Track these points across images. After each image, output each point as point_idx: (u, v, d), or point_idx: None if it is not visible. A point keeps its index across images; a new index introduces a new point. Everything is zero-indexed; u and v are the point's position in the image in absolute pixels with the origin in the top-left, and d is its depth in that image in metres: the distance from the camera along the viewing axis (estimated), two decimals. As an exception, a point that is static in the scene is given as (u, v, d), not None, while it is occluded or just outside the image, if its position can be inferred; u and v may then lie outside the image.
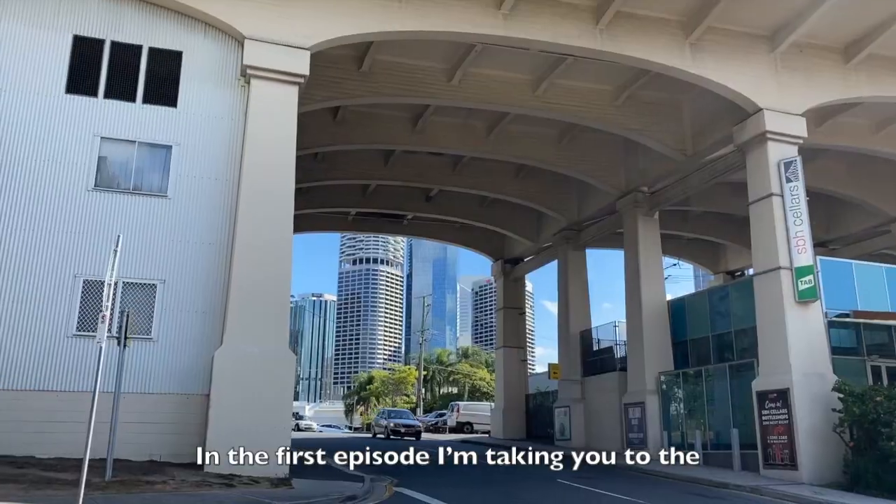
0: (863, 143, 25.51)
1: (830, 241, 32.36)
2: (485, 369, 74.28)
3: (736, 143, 21.19)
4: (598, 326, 32.64)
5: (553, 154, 27.93)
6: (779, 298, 18.92)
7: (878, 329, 20.19)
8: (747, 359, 21.19)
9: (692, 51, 19.60)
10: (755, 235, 20.35)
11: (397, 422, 38.06)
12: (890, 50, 20.97)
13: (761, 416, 18.87)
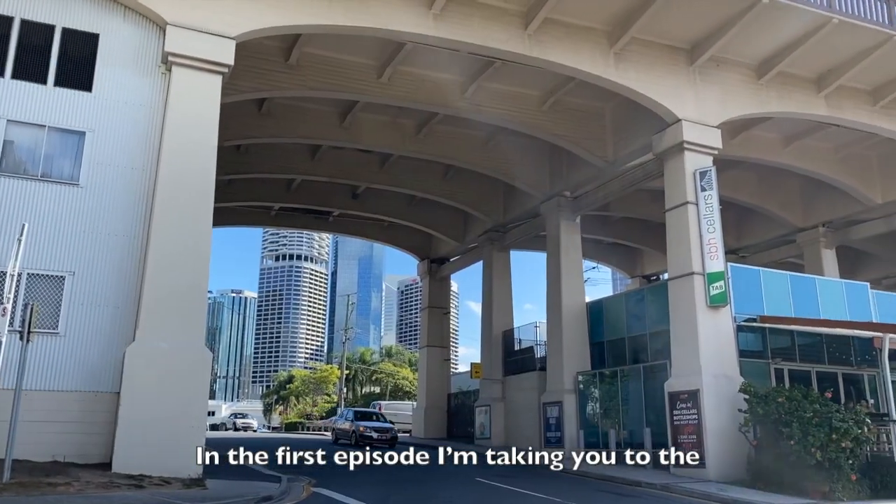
0: (772, 157, 26.84)
1: (741, 248, 33.91)
2: (408, 368, 74.24)
3: (655, 151, 21.91)
4: (520, 327, 33.16)
5: (480, 156, 28.18)
6: (691, 302, 19.67)
7: (781, 333, 21.23)
8: (661, 360, 21.92)
9: (616, 60, 20.15)
10: (671, 241, 21.09)
11: (367, 425, 30.53)
12: (798, 69, 22.12)
13: (673, 416, 19.58)
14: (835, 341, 21.73)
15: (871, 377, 21.58)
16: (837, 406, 16.96)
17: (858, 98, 23.45)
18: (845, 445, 15.70)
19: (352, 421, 31.33)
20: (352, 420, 31.52)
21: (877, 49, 21.11)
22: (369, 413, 34.65)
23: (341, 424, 32.92)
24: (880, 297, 24.33)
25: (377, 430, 29.79)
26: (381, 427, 30.42)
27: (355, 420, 31.24)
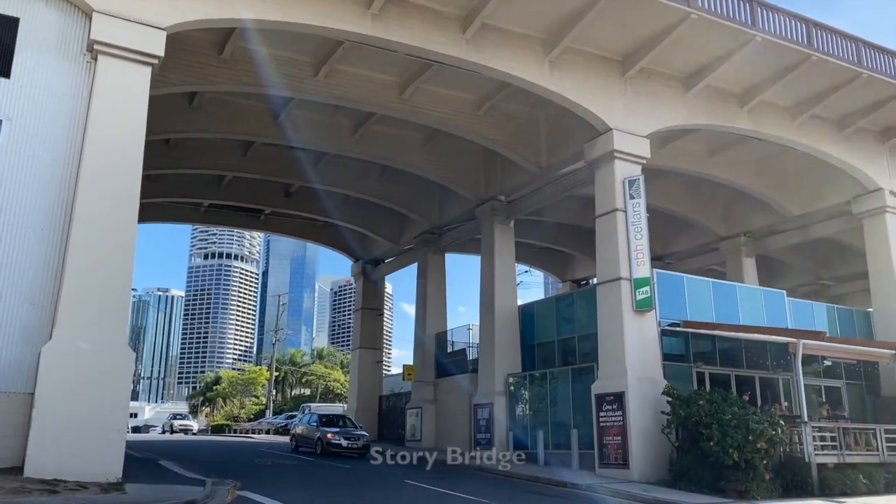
0: (698, 167, 27.80)
1: (667, 255, 34.98)
2: (340, 371, 73.57)
3: (586, 159, 22.39)
4: (453, 329, 33.34)
5: (417, 158, 28.21)
6: (618, 307, 20.18)
7: (703, 338, 21.98)
8: (589, 363, 22.41)
9: (551, 68, 20.50)
10: (600, 247, 21.58)
11: (335, 432, 26.60)
12: (724, 83, 22.99)
13: (599, 418, 20.02)
14: (753, 346, 22.67)
15: (786, 381, 22.61)
16: (754, 409, 17.73)
17: (778, 114, 24.54)
18: (760, 446, 16.40)
19: (316, 426, 27.69)
20: (316, 425, 27.78)
21: (796, 68, 22.15)
22: (336, 417, 30.23)
23: (303, 430, 29.05)
24: (795, 305, 25.50)
25: (347, 438, 26.10)
26: (352, 434, 26.63)
27: (321, 425, 27.53)
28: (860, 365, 25.10)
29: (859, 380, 25.53)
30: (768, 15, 21.37)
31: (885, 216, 26.33)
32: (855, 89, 23.56)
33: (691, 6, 19.47)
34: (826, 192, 28.09)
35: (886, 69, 23.89)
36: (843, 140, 25.83)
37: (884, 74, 23.60)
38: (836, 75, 23.00)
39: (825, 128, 25.54)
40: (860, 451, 19.05)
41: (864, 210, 26.86)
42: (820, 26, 22.49)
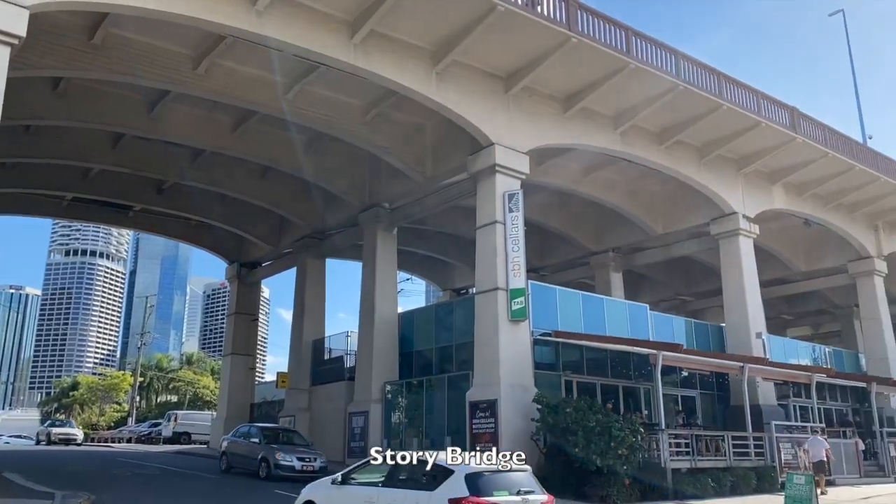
0: (573, 185, 29.03)
1: (542, 267, 36.23)
2: (210, 377, 70.72)
3: (469, 171, 22.82)
4: (332, 336, 32.92)
5: (300, 160, 27.66)
6: (494, 316, 20.66)
7: (572, 348, 22.89)
8: (465, 371, 22.76)
9: (438, 80, 20.77)
10: (479, 257, 22.04)
11: (285, 450, 21.63)
12: (599, 106, 24.13)
13: (472, 425, 20.37)
14: (618, 356, 23.85)
15: (647, 390, 23.91)
16: (617, 416, 18.60)
17: (648, 138, 26.07)
18: (622, 453, 17.22)
19: (259, 443, 22.35)
20: (259, 441, 22.46)
21: (665, 96, 23.62)
22: (285, 433, 24.42)
23: (240, 447, 23.33)
24: (657, 318, 27.10)
25: (302, 458, 21.12)
26: (307, 455, 21.57)
27: (266, 442, 22.22)
28: (713, 376, 26.99)
29: (712, 390, 27.45)
30: (642, 44, 22.68)
31: (738, 238, 28.55)
32: (716, 119, 25.43)
33: (571, 30, 20.34)
34: (688, 213, 30.09)
35: (744, 102, 25.97)
36: (704, 166, 27.78)
37: (741, 107, 25.63)
38: (699, 105, 24.73)
39: (689, 153, 27.39)
40: (710, 456, 20.46)
41: (720, 232, 28.99)
42: (688, 59, 24.13)
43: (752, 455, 21.57)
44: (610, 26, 21.77)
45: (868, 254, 35.27)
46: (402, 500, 9.64)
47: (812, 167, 29.74)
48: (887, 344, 35.15)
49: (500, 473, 9.80)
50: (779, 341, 32.01)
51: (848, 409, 31.51)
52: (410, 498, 9.58)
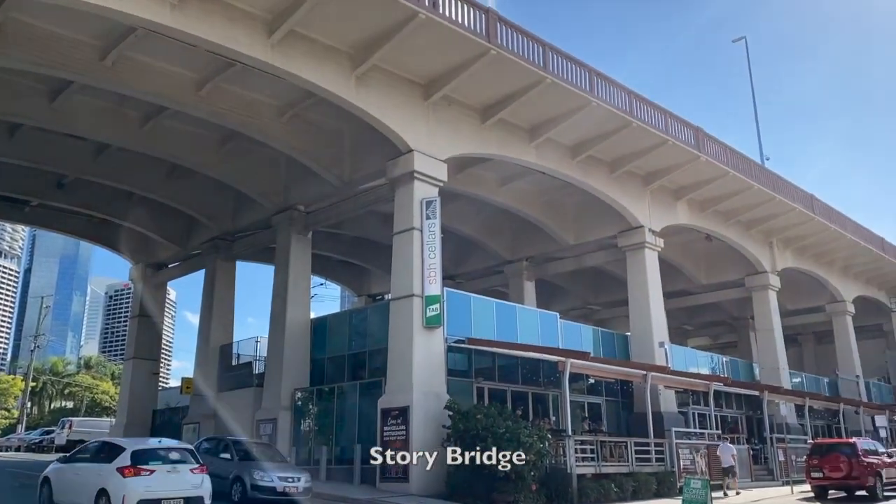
0: (489, 194, 29.45)
1: (457, 275, 36.52)
2: (110, 382, 67.57)
3: (388, 176, 22.76)
4: (240, 341, 32.02)
5: (212, 159, 26.93)
6: (409, 323, 20.64)
7: (485, 355, 23.17)
8: (378, 378, 22.59)
9: (357, 84, 20.63)
10: (395, 264, 21.98)
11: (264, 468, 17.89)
12: (516, 118, 24.58)
13: (383, 432, 20.23)
14: (528, 364, 24.29)
15: (555, 396, 24.45)
16: (526, 423, 18.92)
17: (562, 152, 26.75)
18: (529, 458, 17.50)
19: (231, 458, 18.79)
20: (233, 458, 18.79)
21: (578, 111, 24.30)
22: (261, 448, 20.49)
23: (208, 464, 17.70)
24: (567, 327, 27.78)
25: (284, 478, 17.62)
26: (289, 474, 18.09)
27: (241, 459, 18.71)
28: (618, 383, 27.88)
29: (617, 397, 28.36)
30: (558, 60, 23.25)
31: (644, 251, 29.69)
32: (626, 136, 26.37)
33: (491, 43, 20.65)
34: (598, 225, 31.07)
35: (653, 121, 27.06)
36: (614, 181, 28.75)
37: (650, 125, 26.69)
38: (611, 122, 25.58)
39: (600, 168, 28.28)
40: (614, 462, 21.11)
41: (627, 244, 30.07)
42: (601, 76, 24.91)
43: (654, 461, 22.39)
44: (528, 41, 22.23)
45: (763, 269, 37.40)
46: (95, 469, 13.66)
47: (714, 185, 31.29)
48: (779, 354, 37.37)
49: (159, 450, 14.03)
50: (680, 351, 33.47)
51: (742, 416, 33.23)
52: (97, 468, 13.65)
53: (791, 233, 38.24)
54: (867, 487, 21.79)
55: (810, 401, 33.92)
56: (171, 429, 32.89)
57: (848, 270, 46.48)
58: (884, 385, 51.10)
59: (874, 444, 24.79)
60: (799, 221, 37.02)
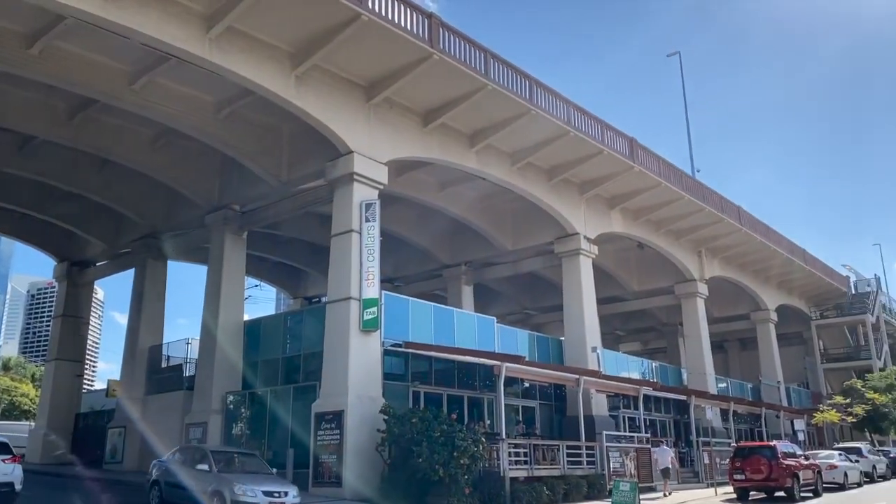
0: (429, 198, 29.54)
1: (396, 278, 36.46)
2: (30, 384, 64.69)
3: (327, 178, 22.53)
4: (171, 343, 31.21)
5: (145, 155, 26.16)
6: (346, 326, 20.47)
7: (422, 359, 23.18)
8: (312, 382, 22.32)
9: (297, 83, 20.36)
10: (333, 266, 21.78)
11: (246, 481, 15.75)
12: (457, 124, 24.74)
13: (316, 437, 20.00)
14: (465, 368, 24.43)
15: (491, 400, 24.66)
16: (461, 426, 18.99)
17: (501, 158, 27.04)
18: (463, 462, 17.62)
19: (210, 470, 16.26)
20: (211, 469, 16.29)
21: (518, 119, 24.62)
22: (243, 458, 18.25)
23: (181, 476, 16.86)
24: (503, 331, 28.05)
25: (269, 493, 15.51)
26: (275, 487, 15.91)
27: (221, 470, 16.44)
28: (552, 387, 28.32)
29: (550, 400, 28.80)
30: (500, 68, 23.51)
31: (579, 258, 30.28)
32: (564, 144, 26.86)
33: (434, 48, 20.72)
34: (536, 232, 31.53)
35: (589, 130, 27.63)
36: (551, 188, 29.24)
37: (587, 135, 27.25)
38: (550, 130, 26.01)
39: (539, 175, 28.71)
40: (546, 465, 21.41)
41: (563, 251, 30.61)
42: (540, 85, 25.30)
43: (585, 464, 22.82)
44: (471, 47, 22.40)
45: (692, 277, 38.65)
46: None
47: (647, 195, 32.17)
48: (706, 360, 38.66)
49: None
50: (612, 355, 34.22)
51: (670, 419, 34.20)
52: None
53: (719, 243, 39.65)
54: (785, 488, 22.73)
55: (735, 405, 35.21)
56: (95, 433, 31.76)
57: (771, 280, 48.52)
58: (803, 390, 53.47)
59: (793, 447, 25.87)
60: (726, 232, 38.43)
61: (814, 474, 24.89)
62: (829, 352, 58.65)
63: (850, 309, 57.83)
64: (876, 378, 49.01)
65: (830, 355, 58.56)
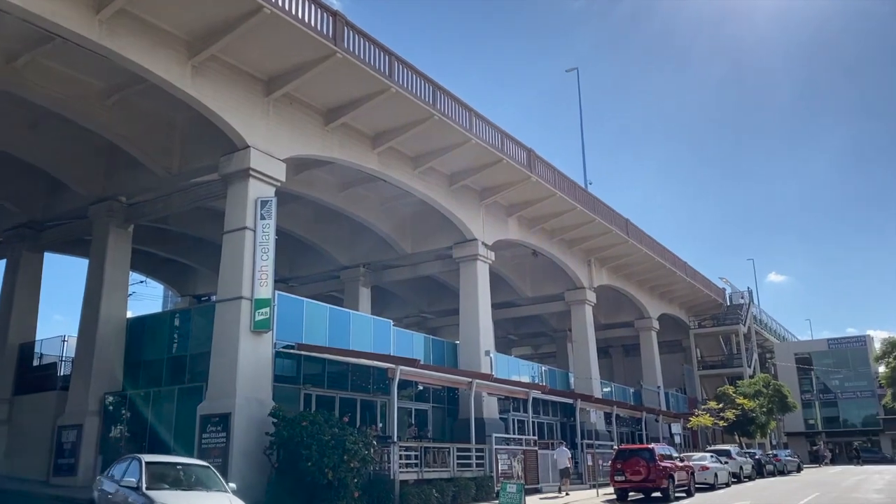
0: (329, 198, 29.18)
1: (291, 278, 35.77)
2: None
3: (221, 173, 21.79)
4: (44, 340, 29.26)
5: (22, 139, 24.50)
6: (236, 326, 19.85)
7: (315, 361, 22.81)
8: (199, 383, 21.54)
9: (193, 73, 19.61)
10: (224, 264, 21.08)
11: None
12: (359, 124, 24.59)
13: (202, 440, 19.30)
14: (359, 370, 24.27)
15: (384, 403, 24.63)
16: (352, 430, 18.87)
17: (403, 161, 27.11)
18: (353, 466, 17.50)
19: (139, 486, 12.03)
20: (139, 487, 12.03)
21: (421, 123, 24.77)
22: (189, 471, 13.53)
23: (113, 497, 12.83)
24: (400, 334, 28.10)
25: None
26: None
27: (150, 487, 12.06)
28: (445, 390, 28.62)
29: (443, 403, 29.09)
30: (404, 71, 23.58)
31: (476, 263, 30.79)
32: (464, 152, 27.25)
33: (338, 46, 20.50)
34: (435, 236, 31.81)
35: (490, 139, 28.17)
36: (452, 194, 29.59)
37: (487, 143, 27.77)
38: (452, 137, 26.32)
39: (440, 180, 28.99)
40: (437, 467, 21.61)
41: (461, 256, 31.04)
42: (444, 91, 25.57)
43: (474, 466, 23.20)
44: (375, 48, 22.33)
45: (582, 285, 40.15)
46: None
47: (542, 204, 33.15)
48: (592, 365, 40.23)
49: None
50: (504, 359, 35.00)
51: (557, 422, 35.31)
52: None
53: (607, 253, 41.40)
54: (662, 489, 23.95)
55: (617, 409, 36.78)
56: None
57: (655, 290, 51.11)
58: (681, 395, 56.62)
59: (670, 449, 27.27)
60: (614, 243, 40.19)
61: (687, 475, 26.33)
62: (705, 359, 62.46)
63: (724, 319, 61.88)
64: (746, 385, 52.60)
65: (706, 362, 62.40)
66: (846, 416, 71.94)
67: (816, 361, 72.53)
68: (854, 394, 70.87)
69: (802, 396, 69.40)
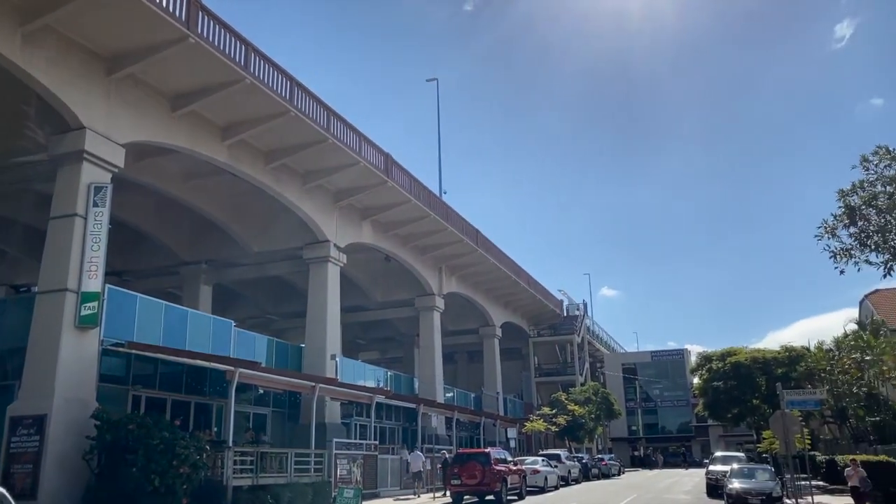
0: (172, 188, 27.61)
1: (126, 271, 33.43)
2: None
3: (51, 153, 19.99)
4: None
5: None
6: (58, 320, 18.26)
7: (146, 360, 21.43)
8: (13, 381, 19.54)
9: (24, 42, 17.84)
10: (48, 253, 19.33)
11: None
12: (210, 114, 23.51)
13: (11, 444, 17.55)
14: (195, 372, 23.08)
15: (220, 406, 23.62)
16: (184, 434, 17.95)
17: (255, 156, 26.25)
18: (183, 471, 16.64)
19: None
20: None
21: (276, 118, 24.12)
22: None
23: None
24: (241, 335, 27.08)
25: None
26: None
27: None
28: (287, 394, 27.94)
29: (284, 408, 28.37)
30: (261, 63, 22.85)
31: (328, 265, 30.40)
32: (321, 150, 26.86)
33: (191, 30, 19.52)
34: (285, 235, 30.99)
35: (348, 140, 27.97)
36: (305, 193, 29.03)
37: (345, 145, 27.55)
38: (308, 135, 25.85)
39: (293, 178, 28.34)
40: (273, 473, 21.02)
41: (312, 257, 30.51)
42: (302, 87, 25.06)
43: (312, 471, 22.80)
44: (232, 37, 21.50)
45: (432, 291, 40.82)
46: None
47: (396, 210, 33.39)
48: (436, 370, 40.98)
49: None
50: (350, 363, 34.76)
51: (399, 427, 35.55)
52: None
53: (458, 261, 42.42)
54: (495, 492, 24.80)
55: (458, 414, 37.71)
56: None
57: (500, 299, 53.01)
58: (518, 401, 59.01)
59: (505, 453, 28.35)
60: (464, 252, 41.27)
61: (519, 478, 27.47)
62: (542, 366, 65.65)
63: (561, 329, 65.33)
64: (577, 392, 55.81)
65: (543, 370, 65.61)
66: (664, 423, 78.32)
67: (640, 372, 78.44)
68: (672, 402, 77.34)
69: (627, 404, 74.74)
